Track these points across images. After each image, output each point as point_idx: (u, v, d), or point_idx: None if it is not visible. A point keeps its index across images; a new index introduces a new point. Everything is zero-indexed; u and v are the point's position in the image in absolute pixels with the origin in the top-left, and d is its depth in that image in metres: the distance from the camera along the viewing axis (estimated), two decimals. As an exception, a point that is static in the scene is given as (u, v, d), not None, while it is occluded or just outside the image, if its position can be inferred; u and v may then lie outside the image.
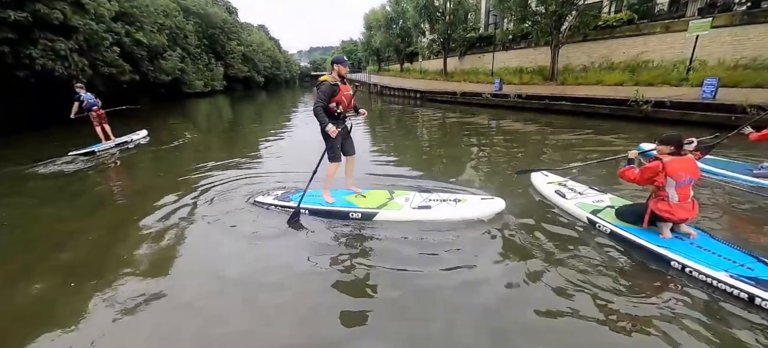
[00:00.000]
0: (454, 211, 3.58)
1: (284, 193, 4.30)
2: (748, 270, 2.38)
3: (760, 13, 11.87)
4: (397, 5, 30.66)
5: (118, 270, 3.01)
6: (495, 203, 3.65)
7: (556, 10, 14.55)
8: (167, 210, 4.26)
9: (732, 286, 2.28)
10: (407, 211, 3.62)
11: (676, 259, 2.58)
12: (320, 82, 3.51)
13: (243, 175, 5.72)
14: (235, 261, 3.11)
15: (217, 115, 19.04)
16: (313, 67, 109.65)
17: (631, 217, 3.07)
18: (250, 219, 3.89)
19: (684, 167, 2.71)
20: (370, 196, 4.03)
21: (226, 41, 40.27)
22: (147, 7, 21.84)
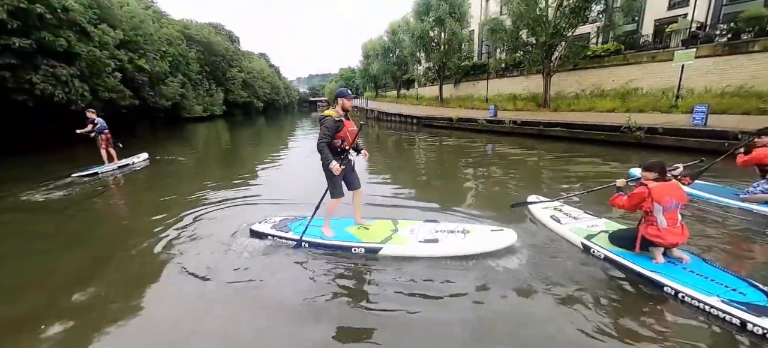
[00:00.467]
0: (462, 244, 3.38)
1: (282, 221, 4.11)
2: (740, 295, 2.41)
3: (741, 43, 12.43)
4: (394, 35, 31.77)
5: (105, 299, 2.93)
6: (506, 235, 3.44)
7: (546, 41, 15.14)
8: (160, 238, 4.15)
9: (724, 311, 2.30)
10: (413, 245, 3.41)
11: (669, 284, 2.62)
12: (324, 117, 3.37)
13: (239, 201, 5.64)
14: (224, 297, 2.93)
15: (215, 139, 19.14)
16: (311, 93, 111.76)
17: (623, 241, 3.13)
18: (246, 250, 3.71)
19: (670, 192, 2.79)
20: (374, 227, 3.85)
21: (228, 68, 41.24)
22: (151, 36, 22.49)
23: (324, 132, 3.33)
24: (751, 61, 11.97)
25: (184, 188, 6.78)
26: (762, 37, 12.21)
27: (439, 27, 23.10)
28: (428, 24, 23.02)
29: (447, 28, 22.65)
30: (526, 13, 14.50)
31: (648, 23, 18.30)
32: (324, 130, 3.33)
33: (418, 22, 23.84)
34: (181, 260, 3.57)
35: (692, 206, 4.45)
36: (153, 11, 25.83)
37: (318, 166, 3.63)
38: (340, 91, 3.47)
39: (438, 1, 22.08)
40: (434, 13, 22.28)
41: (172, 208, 5.25)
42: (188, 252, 3.76)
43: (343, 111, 3.45)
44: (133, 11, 20.86)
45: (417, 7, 23.82)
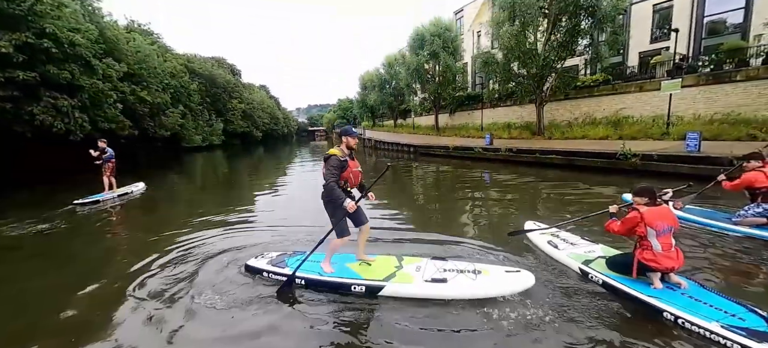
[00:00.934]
0: (473, 285, 3.09)
1: (280, 257, 3.89)
2: (739, 320, 2.41)
3: (724, 73, 12.93)
4: (390, 68, 32.90)
5: (87, 339, 2.80)
6: (522, 278, 3.12)
7: (536, 72, 15.69)
8: (153, 271, 4.04)
9: (725, 337, 2.29)
10: (419, 285, 3.16)
11: (668, 310, 2.62)
12: (328, 156, 3.26)
13: (235, 231, 5.53)
14: (211, 340, 2.74)
15: (212, 169, 19.16)
16: (310, 122, 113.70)
17: (621, 267, 3.13)
18: (238, 288, 3.49)
19: (662, 217, 2.86)
20: (376, 263, 3.60)
21: (228, 100, 42.09)
22: (155, 69, 23.10)
23: (331, 171, 3.21)
24: (735, 90, 12.40)
25: (178, 219, 6.73)
26: (743, 67, 12.74)
27: (434, 60, 23.98)
28: (423, 57, 23.90)
29: (441, 61, 23.50)
30: (517, 46, 15.12)
31: (633, 55, 19.10)
32: (331, 169, 3.21)
33: (414, 56, 24.77)
34: (168, 297, 3.39)
35: (686, 231, 4.48)
36: (158, 46, 26.69)
37: (315, 194, 3.61)
38: (345, 129, 3.41)
39: (431, 36, 23.08)
40: (428, 48, 23.21)
41: (164, 241, 5.14)
42: (176, 290, 3.54)
43: (347, 149, 3.36)
44: (139, 46, 21.57)
45: (412, 41, 24.84)
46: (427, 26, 23.65)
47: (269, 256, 3.95)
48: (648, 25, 18.37)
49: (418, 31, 24.16)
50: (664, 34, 17.68)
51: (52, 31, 11.81)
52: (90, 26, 15.00)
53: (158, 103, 23.22)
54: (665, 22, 17.66)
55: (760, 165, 4.23)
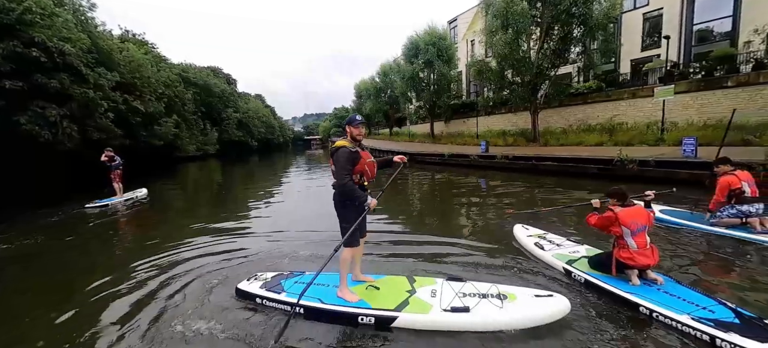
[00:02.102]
0: (501, 314, 2.67)
1: (275, 278, 3.47)
2: (709, 312, 2.56)
3: (715, 80, 13.07)
4: (386, 77, 33.01)
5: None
6: (555, 304, 2.74)
7: (530, 80, 15.78)
8: (132, 293, 3.69)
9: (695, 328, 2.44)
10: (437, 315, 2.72)
11: (644, 305, 2.77)
12: (336, 149, 2.82)
13: (226, 245, 5.22)
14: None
15: (206, 178, 18.92)
16: (306, 131, 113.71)
17: (601, 265, 3.27)
18: (228, 316, 3.06)
19: (635, 216, 3.04)
20: (384, 287, 3.17)
21: (223, 109, 41.97)
22: (149, 78, 22.93)
23: (343, 166, 2.76)
24: (726, 96, 12.52)
25: (165, 231, 6.51)
26: (733, 73, 12.89)
27: (428, 69, 24.11)
28: (418, 66, 24.02)
29: (436, 70, 23.63)
30: (510, 54, 15.21)
31: (625, 63, 19.31)
32: (343, 163, 2.76)
33: (408, 65, 24.90)
34: (146, 328, 2.98)
35: (666, 232, 4.71)
36: (152, 56, 26.59)
37: (311, 204, 3.47)
38: (349, 118, 3.00)
39: (426, 45, 23.22)
40: (423, 56, 23.34)
41: (149, 255, 4.89)
42: (156, 316, 3.15)
43: (352, 140, 2.93)
44: (132, 56, 21.43)
45: (406, 50, 24.99)
46: (422, 35, 23.82)
47: (263, 277, 3.51)
48: (638, 33, 18.64)
49: (412, 39, 24.33)
50: (654, 42, 17.93)
51: (42, 40, 11.64)
52: (82, 36, 14.86)
53: (152, 113, 23.02)
54: (655, 30, 17.93)
55: (731, 169, 4.50)
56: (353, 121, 2.96)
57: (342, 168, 2.76)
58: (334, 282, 3.22)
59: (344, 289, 3.04)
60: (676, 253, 4.04)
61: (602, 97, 16.77)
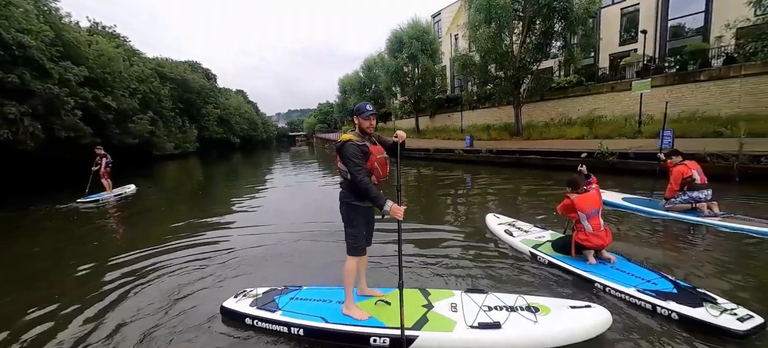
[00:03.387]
0: (536, 330, 2.38)
1: (268, 294, 3.03)
2: (652, 285, 2.88)
3: (688, 74, 13.49)
4: (369, 71, 32.70)
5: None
6: (595, 315, 2.47)
7: (513, 74, 15.89)
8: (94, 322, 3.06)
9: (639, 298, 2.76)
10: (464, 333, 2.38)
11: (599, 281, 3.08)
12: (342, 144, 2.44)
13: (206, 253, 4.67)
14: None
15: (185, 177, 18.20)
16: (290, 128, 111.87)
17: (562, 248, 3.59)
18: (213, 341, 2.67)
19: (588, 201, 3.40)
20: (396, 301, 2.65)
21: (203, 105, 40.58)
22: (120, 73, 21.83)
23: (355, 163, 2.37)
24: (699, 89, 12.95)
25: (137, 235, 6.10)
26: (706, 68, 13.34)
27: (413, 63, 23.95)
28: (402, 60, 23.83)
29: (420, 64, 23.50)
30: (493, 49, 15.26)
31: (604, 57, 19.74)
32: (353, 161, 2.37)
33: (392, 59, 24.66)
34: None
35: (626, 217, 5.19)
36: (124, 49, 25.31)
37: (299, 202, 3.27)
38: (358, 107, 2.57)
39: (409, 39, 23.04)
40: (407, 50, 23.16)
41: (119, 265, 4.48)
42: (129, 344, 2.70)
43: (361, 132, 2.54)
44: (101, 49, 20.31)
45: (390, 44, 24.73)
46: (406, 29, 23.62)
47: (253, 293, 3.06)
48: (617, 28, 19.06)
49: (396, 33, 24.09)
50: (631, 36, 18.38)
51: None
52: (44, 27, 13.92)
53: (125, 110, 21.96)
54: (632, 25, 18.37)
55: (680, 160, 4.98)
56: (362, 111, 2.51)
57: (354, 164, 2.36)
58: (337, 297, 2.84)
59: (351, 306, 2.63)
60: (633, 235, 4.50)
61: (582, 91, 17.09)
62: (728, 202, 5.56)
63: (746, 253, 3.80)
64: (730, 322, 2.36)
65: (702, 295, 2.67)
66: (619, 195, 5.89)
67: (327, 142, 43.06)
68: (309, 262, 4.20)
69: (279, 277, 3.64)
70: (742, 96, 11.90)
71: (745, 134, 8.00)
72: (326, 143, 43.11)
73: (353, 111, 2.59)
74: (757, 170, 7.04)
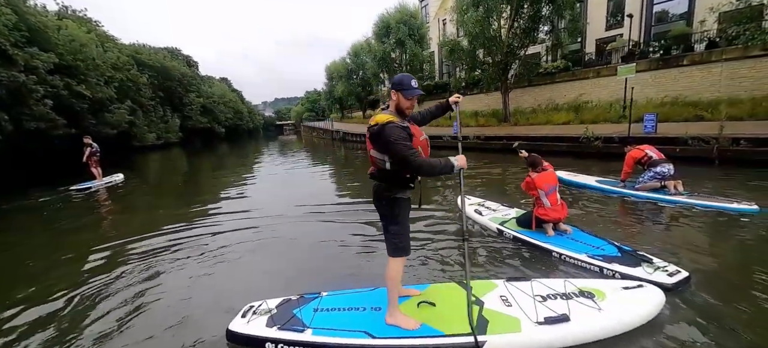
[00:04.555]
0: (601, 318, 2.22)
1: (283, 307, 2.53)
2: (600, 250, 3.26)
3: (671, 58, 13.65)
4: (357, 57, 32.07)
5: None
6: (650, 296, 2.39)
7: (501, 59, 15.78)
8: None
9: (588, 262, 3.12)
10: (533, 331, 2.15)
11: (556, 250, 3.43)
12: (380, 127, 2.01)
13: (196, 255, 4.16)
14: None
15: (170, 169, 17.63)
16: (277, 116, 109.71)
17: (525, 223, 3.97)
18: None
19: (547, 179, 3.78)
20: (439, 299, 2.49)
21: (185, 93, 39.20)
22: (94, 60, 20.75)
23: (405, 145, 1.98)
24: (682, 74, 13.13)
25: (115, 234, 5.79)
26: (688, 52, 13.51)
27: (400, 49, 23.57)
28: (389, 46, 23.42)
29: (407, 50, 23.15)
30: (481, 33, 15.07)
31: (590, 42, 19.80)
32: (403, 144, 1.98)
33: (379, 44, 24.22)
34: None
35: (597, 197, 5.57)
36: (96, 34, 24.03)
37: (297, 192, 3.18)
38: (400, 79, 2.16)
39: (397, 24, 22.60)
40: (394, 35, 22.75)
41: (95, 275, 4.16)
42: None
43: (396, 111, 2.16)
44: (72, 34, 19.20)
45: (377, 29, 24.23)
46: (393, 13, 23.13)
47: (263, 308, 2.51)
48: (603, 13, 19.07)
49: (383, 18, 23.59)
50: (617, 21, 18.44)
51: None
52: (5, 9, 13.00)
53: (101, 98, 20.96)
54: (619, 10, 18.40)
55: (634, 146, 5.44)
56: (407, 87, 2.10)
57: (406, 147, 1.97)
58: (367, 302, 2.48)
59: (397, 313, 2.27)
60: (598, 212, 4.97)
61: (569, 76, 17.15)
62: (705, 183, 5.80)
63: (693, 223, 4.22)
64: (661, 277, 2.73)
65: (641, 256, 3.05)
66: (593, 178, 6.30)
67: (315, 130, 42.42)
68: (311, 260, 3.91)
69: (283, 282, 3.30)
70: (722, 80, 12.13)
71: (725, 117, 8.13)
72: (314, 132, 42.48)
73: (393, 85, 2.18)
74: (736, 152, 7.17)
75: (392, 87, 2.18)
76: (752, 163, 6.79)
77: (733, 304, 2.51)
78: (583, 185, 6.18)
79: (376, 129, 2.04)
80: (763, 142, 6.97)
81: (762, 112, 9.74)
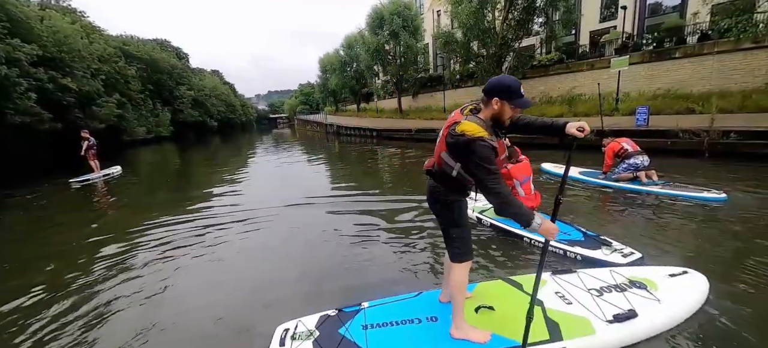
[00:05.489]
0: (664, 310, 2.15)
1: (326, 327, 2.20)
2: (566, 235, 3.52)
3: (664, 51, 13.67)
4: (350, 49, 31.66)
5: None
6: (697, 282, 2.39)
7: (495, 52, 15.69)
8: None
9: (556, 247, 3.35)
10: (606, 331, 2.03)
11: (526, 236, 3.70)
12: (467, 140, 1.72)
13: (203, 260, 3.84)
14: None
15: (162, 164, 17.35)
16: (270, 110, 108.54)
17: None
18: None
19: (521, 170, 4.00)
20: (495, 302, 2.30)
21: (175, 86, 38.51)
22: (79, 52, 20.21)
23: (490, 170, 1.72)
24: (674, 65, 13.17)
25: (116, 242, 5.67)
26: (681, 45, 13.53)
27: (394, 40, 23.31)
28: (383, 38, 23.14)
29: (401, 42, 22.89)
30: (475, 25, 14.96)
31: (584, 34, 19.74)
32: (488, 169, 1.72)
33: (373, 36, 23.91)
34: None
35: (579, 187, 5.82)
36: (81, 25, 23.37)
37: (300, 188, 3.20)
38: (506, 83, 1.79)
39: (390, 15, 22.30)
40: (388, 27, 22.46)
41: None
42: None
43: (492, 121, 1.84)
44: (56, 26, 18.64)
45: (371, 20, 23.89)
46: (386, 4, 22.80)
47: (302, 331, 2.16)
48: (597, 4, 18.99)
49: (376, 9, 23.25)
50: (611, 13, 18.39)
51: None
52: (-17, 0, 12.52)
53: (88, 92, 20.47)
54: (612, 1, 18.33)
55: (612, 140, 5.70)
56: (515, 95, 1.78)
57: (490, 174, 1.71)
58: (420, 312, 2.25)
59: (465, 326, 2.07)
60: (575, 201, 5.22)
61: (563, 68, 17.12)
62: (695, 175, 5.89)
63: (661, 212, 4.44)
64: (617, 258, 3.00)
65: (602, 240, 3.36)
66: (577, 170, 6.51)
67: (308, 123, 42.04)
68: (334, 264, 3.57)
69: (306, 289, 3.04)
70: (713, 73, 12.19)
71: (716, 111, 8.17)
72: (308, 125, 42.11)
73: (495, 90, 1.78)
74: (725, 145, 7.23)
75: (492, 92, 1.79)
76: (741, 155, 6.86)
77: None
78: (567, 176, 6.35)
79: (462, 140, 1.73)
80: (752, 135, 7.03)
81: (752, 105, 9.82)
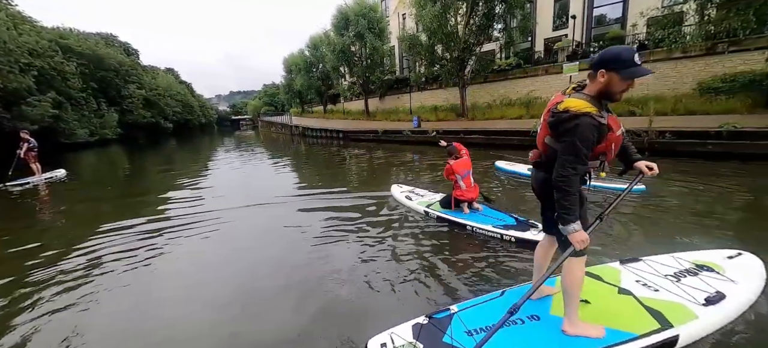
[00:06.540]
0: (743, 293, 2.20)
1: (424, 335, 2.07)
2: (502, 222, 4.00)
3: (609, 59, 14.83)
4: (316, 50, 31.13)
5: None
6: (754, 264, 2.47)
7: (458, 55, 16.16)
8: None
9: (492, 231, 3.81)
10: (706, 315, 2.04)
11: (469, 224, 4.07)
12: (572, 116, 1.60)
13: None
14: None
15: (107, 170, 15.78)
16: (233, 111, 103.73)
17: (446, 204, 4.58)
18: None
19: (462, 165, 4.39)
20: (585, 293, 2.18)
21: (123, 85, 35.45)
22: (5, 44, 17.94)
23: (583, 154, 1.59)
24: (617, 72, 14.31)
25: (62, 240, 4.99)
26: (623, 53, 14.75)
27: (360, 42, 23.24)
28: (348, 39, 22.99)
29: (367, 43, 22.88)
30: (439, 29, 15.30)
31: (539, 41, 20.98)
32: (582, 152, 1.58)
33: (339, 37, 23.66)
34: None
35: (526, 181, 6.23)
36: (7, 14, 20.79)
37: (259, 181, 2.94)
38: (617, 52, 1.58)
39: (356, 16, 22.22)
40: (353, 28, 22.36)
41: None
42: None
43: (599, 96, 1.67)
44: (-27, 14, 16.41)
45: (336, 21, 23.64)
46: (351, 5, 22.68)
47: (402, 343, 2.03)
48: (550, 13, 20.27)
49: (341, 10, 23.05)
50: (563, 22, 19.70)
51: None
52: None
53: (16, 89, 18.22)
54: (564, 11, 19.66)
55: None
56: (628, 64, 1.55)
57: (580, 158, 1.58)
58: (522, 311, 2.15)
59: (579, 322, 1.98)
60: (519, 194, 5.80)
61: (521, 73, 18.03)
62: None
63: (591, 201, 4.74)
64: (540, 237, 3.10)
65: (532, 224, 3.83)
66: (526, 167, 6.92)
67: (273, 125, 40.67)
68: (335, 265, 3.51)
69: (351, 295, 2.93)
70: (650, 79, 13.43)
71: (653, 113, 8.98)
72: (273, 127, 40.73)
73: (604, 61, 1.59)
74: (663, 144, 7.98)
75: (599, 64, 1.61)
76: (675, 153, 7.60)
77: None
78: (516, 173, 7.12)
79: (565, 116, 1.59)
80: (683, 134, 7.82)
81: (682, 108, 10.97)
